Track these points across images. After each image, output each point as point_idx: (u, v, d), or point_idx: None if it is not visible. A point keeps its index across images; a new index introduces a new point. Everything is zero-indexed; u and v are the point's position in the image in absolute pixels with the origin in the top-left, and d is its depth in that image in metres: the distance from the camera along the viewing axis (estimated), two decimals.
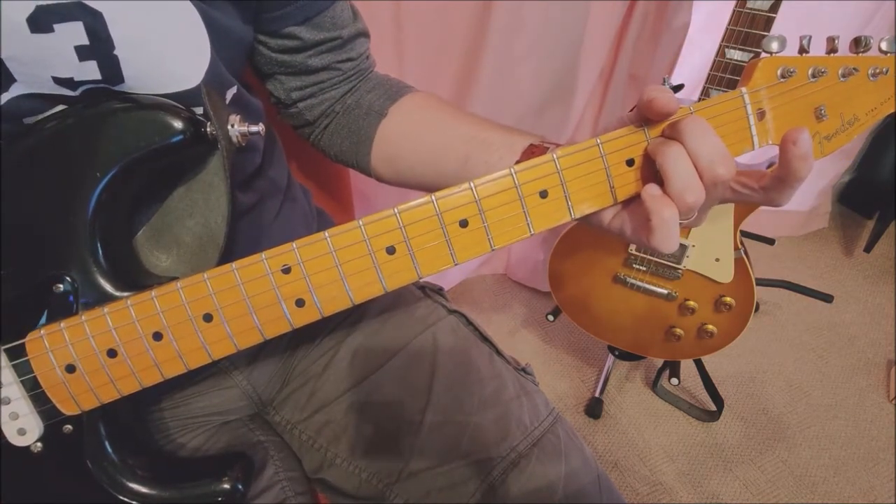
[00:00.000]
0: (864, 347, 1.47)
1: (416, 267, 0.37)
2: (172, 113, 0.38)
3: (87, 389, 0.40)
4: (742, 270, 0.97)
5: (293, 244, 0.37)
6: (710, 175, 0.34)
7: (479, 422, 0.52)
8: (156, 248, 0.43)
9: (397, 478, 0.52)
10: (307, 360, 0.59)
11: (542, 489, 0.49)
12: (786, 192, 0.35)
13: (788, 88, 0.36)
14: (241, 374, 0.56)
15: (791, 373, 1.40)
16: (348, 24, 0.53)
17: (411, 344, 0.57)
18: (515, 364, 0.59)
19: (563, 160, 0.36)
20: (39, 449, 0.41)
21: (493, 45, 1.06)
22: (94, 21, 0.36)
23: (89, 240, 0.39)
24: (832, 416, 1.31)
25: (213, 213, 0.42)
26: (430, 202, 0.36)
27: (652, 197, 0.34)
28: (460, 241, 0.37)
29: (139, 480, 0.42)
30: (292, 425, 0.58)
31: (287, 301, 0.38)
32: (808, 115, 0.37)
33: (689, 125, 0.34)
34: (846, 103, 0.37)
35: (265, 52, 0.51)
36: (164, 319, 0.38)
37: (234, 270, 0.37)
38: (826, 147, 0.38)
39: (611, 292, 1.09)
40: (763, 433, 1.27)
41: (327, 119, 0.57)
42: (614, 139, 0.36)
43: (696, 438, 1.25)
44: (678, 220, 0.34)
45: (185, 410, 0.54)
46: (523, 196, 0.36)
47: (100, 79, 0.38)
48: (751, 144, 0.37)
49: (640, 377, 1.38)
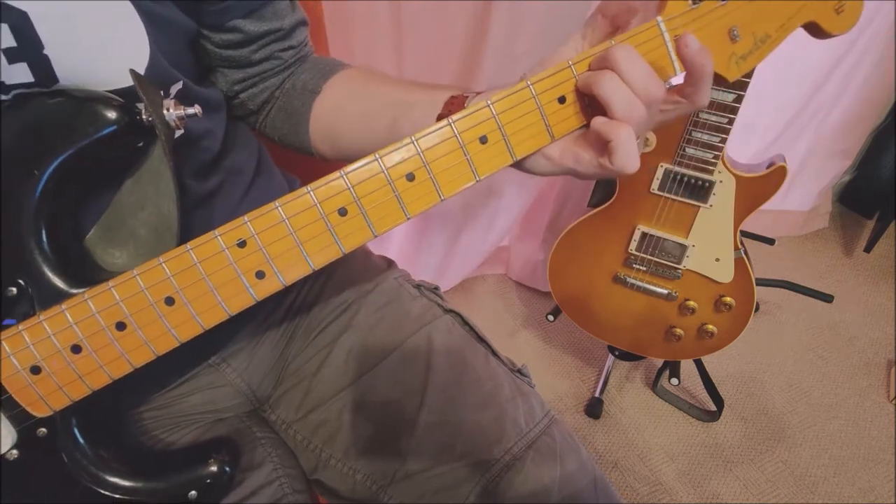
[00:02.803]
0: (864, 347, 1.47)
1: (369, 225, 0.38)
2: (105, 103, 0.37)
3: (55, 389, 0.39)
4: (742, 270, 0.97)
5: (245, 217, 0.37)
6: (645, 95, 0.36)
7: (474, 423, 0.52)
8: (110, 245, 0.42)
9: (391, 479, 0.52)
10: (301, 359, 0.58)
11: (537, 492, 0.49)
12: (701, 89, 0.37)
13: (700, 14, 0.38)
14: (234, 372, 0.56)
15: (791, 373, 1.40)
16: (288, 13, 0.53)
17: (406, 343, 0.57)
18: (511, 365, 0.59)
19: (497, 104, 0.37)
20: (16, 456, 0.40)
21: (493, 45, 1.06)
22: (20, 21, 0.35)
23: (37, 239, 0.38)
24: (832, 416, 1.31)
25: (165, 202, 0.41)
26: (375, 160, 0.37)
27: (604, 123, 0.36)
28: (409, 195, 0.38)
29: (122, 474, 0.42)
30: (287, 425, 0.58)
31: (247, 275, 0.38)
32: (723, 37, 0.39)
33: (619, 53, 0.36)
34: (756, 22, 0.39)
35: (208, 48, 0.51)
36: (125, 308, 0.38)
37: (189, 251, 0.37)
38: (742, 65, 0.40)
39: (611, 292, 1.09)
40: (763, 433, 1.27)
41: (268, 105, 0.57)
42: (543, 79, 0.37)
43: (696, 438, 1.25)
44: (634, 139, 0.36)
45: (178, 409, 0.53)
46: (464, 144, 0.37)
47: (32, 81, 0.37)
48: (673, 69, 0.38)
49: (640, 377, 1.38)
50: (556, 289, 1.13)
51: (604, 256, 1.06)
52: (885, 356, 1.45)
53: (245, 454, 0.53)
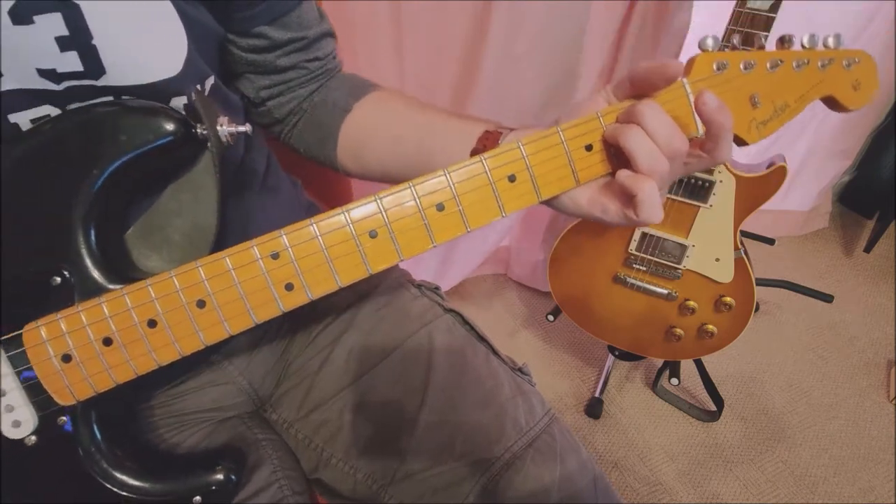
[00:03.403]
0: (864, 347, 1.47)
1: (397, 249, 0.40)
2: (166, 115, 0.40)
3: (82, 378, 0.40)
4: (742, 270, 0.97)
5: (281, 231, 0.38)
6: (668, 149, 0.38)
7: (475, 422, 0.52)
8: (145, 246, 0.44)
9: (392, 479, 0.52)
10: (303, 358, 0.59)
11: (537, 491, 0.49)
12: (721, 145, 0.39)
13: (724, 80, 0.40)
14: (236, 371, 0.56)
15: (791, 373, 1.40)
16: (314, 24, 0.54)
17: (407, 343, 0.57)
18: (512, 364, 0.59)
19: (528, 147, 0.39)
20: (33, 442, 0.41)
21: (494, 45, 1.06)
22: (71, 12, 0.37)
23: (85, 235, 0.40)
24: (832, 416, 1.31)
25: (203, 211, 0.44)
26: (409, 189, 0.39)
27: (629, 177, 0.38)
28: (438, 224, 0.40)
29: (132, 473, 0.43)
30: (289, 424, 0.58)
31: (277, 286, 0.39)
32: (744, 103, 0.41)
33: (645, 109, 0.37)
34: (777, 92, 0.41)
35: (235, 52, 0.53)
36: (159, 306, 0.39)
37: (225, 258, 0.39)
38: (763, 131, 0.42)
39: (611, 292, 1.09)
40: (763, 433, 1.27)
41: (295, 117, 0.59)
42: (573, 126, 0.39)
43: (696, 438, 1.25)
44: (658, 192, 0.38)
45: (181, 407, 0.54)
46: (494, 181, 0.39)
47: (81, 70, 0.39)
48: (695, 129, 0.40)
49: (640, 377, 1.38)
50: (556, 289, 1.13)
51: (604, 256, 1.06)
52: (885, 356, 1.45)
53: (247, 456, 0.53)
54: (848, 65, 0.42)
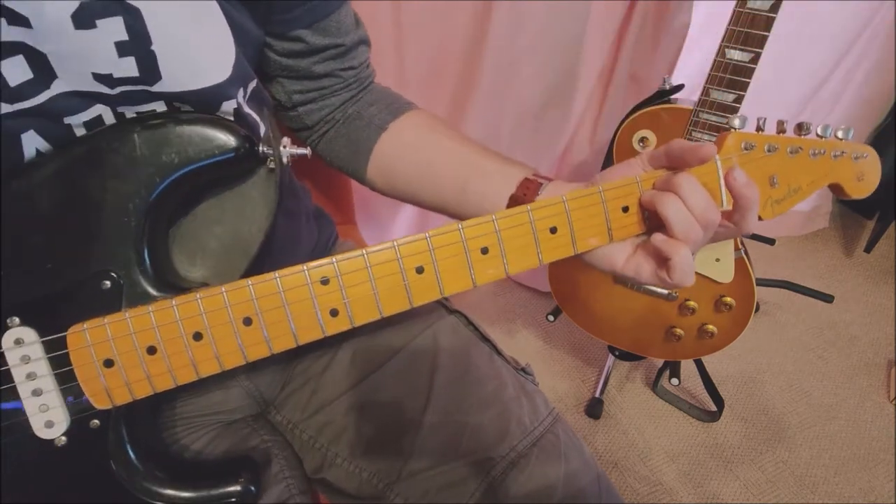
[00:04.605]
0: (865, 347, 1.47)
1: (440, 286, 0.41)
2: (231, 130, 0.41)
3: (122, 384, 0.40)
4: (742, 270, 0.97)
5: (333, 258, 0.40)
6: (703, 219, 0.40)
7: (479, 421, 0.52)
8: (179, 251, 0.45)
9: (397, 477, 0.52)
10: (308, 360, 0.59)
11: (541, 489, 0.49)
12: (748, 217, 0.42)
13: (751, 159, 0.44)
14: (243, 374, 0.56)
15: (791, 373, 1.40)
16: (351, 30, 0.54)
17: (412, 343, 0.57)
18: (515, 364, 0.60)
19: (571, 203, 0.42)
20: (63, 443, 0.41)
21: (493, 45, 1.06)
22: (132, 17, 0.37)
23: (139, 241, 0.41)
24: (832, 416, 1.31)
25: (247, 224, 0.45)
26: (458, 230, 0.40)
27: (665, 242, 0.40)
28: (480, 265, 0.41)
29: (157, 481, 0.43)
30: (293, 425, 0.58)
31: (322, 310, 0.40)
32: (764, 181, 0.45)
33: (683, 180, 0.40)
34: (792, 175, 0.45)
35: (270, 56, 0.53)
36: (207, 320, 0.40)
37: (276, 279, 0.39)
38: (776, 209, 0.46)
39: (611, 292, 1.09)
40: (763, 433, 1.27)
41: (326, 125, 0.59)
42: (614, 188, 0.42)
43: (697, 438, 1.25)
44: (691, 256, 0.40)
45: (188, 409, 0.54)
46: (536, 231, 0.42)
47: (137, 76, 0.39)
48: (720, 202, 0.43)
49: (640, 377, 1.38)
50: (556, 289, 1.13)
51: None
52: (885, 356, 1.45)
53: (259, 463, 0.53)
54: (856, 158, 0.46)
